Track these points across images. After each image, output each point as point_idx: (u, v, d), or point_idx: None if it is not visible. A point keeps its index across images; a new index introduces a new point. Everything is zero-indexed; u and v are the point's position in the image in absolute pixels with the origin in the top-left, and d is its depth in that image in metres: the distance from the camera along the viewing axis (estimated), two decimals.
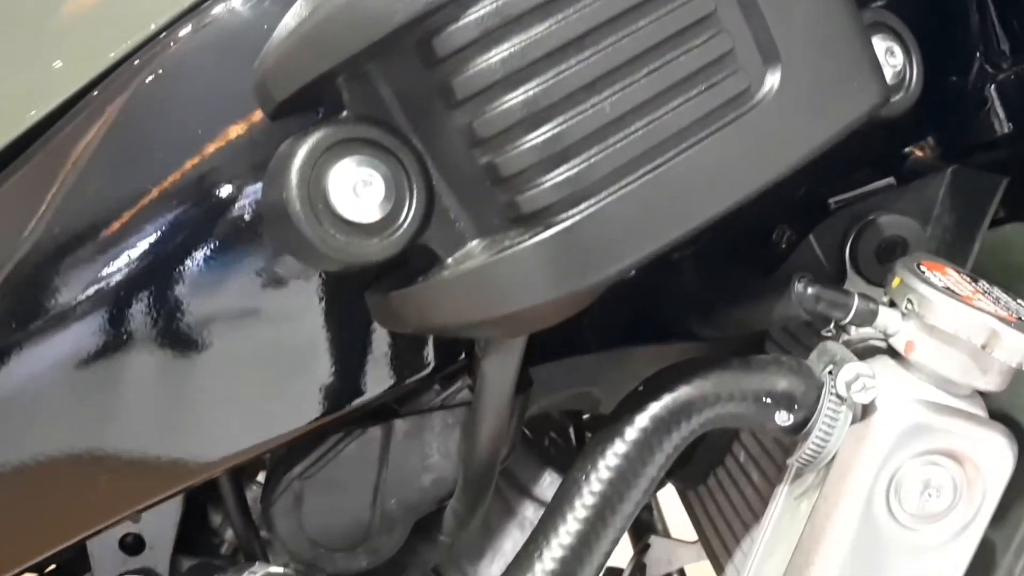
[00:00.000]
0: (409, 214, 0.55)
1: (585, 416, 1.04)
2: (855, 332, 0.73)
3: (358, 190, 0.54)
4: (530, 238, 0.54)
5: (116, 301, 0.65)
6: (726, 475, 0.91)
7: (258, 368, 0.68)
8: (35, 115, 0.67)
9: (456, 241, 0.57)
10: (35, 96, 0.68)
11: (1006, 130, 0.84)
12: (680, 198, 0.55)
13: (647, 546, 0.98)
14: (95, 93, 0.66)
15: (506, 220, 0.55)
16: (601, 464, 0.66)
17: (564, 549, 0.65)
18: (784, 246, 0.86)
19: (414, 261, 0.59)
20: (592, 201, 0.53)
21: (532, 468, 0.91)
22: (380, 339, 0.69)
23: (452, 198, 0.57)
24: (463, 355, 0.71)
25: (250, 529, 0.80)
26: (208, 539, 0.88)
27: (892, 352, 0.71)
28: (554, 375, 0.79)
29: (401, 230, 0.55)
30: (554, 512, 0.66)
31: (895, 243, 0.80)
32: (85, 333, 0.65)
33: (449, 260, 0.57)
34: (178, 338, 0.66)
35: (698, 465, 0.94)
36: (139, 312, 0.65)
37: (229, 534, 0.86)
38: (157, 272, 0.65)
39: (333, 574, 0.76)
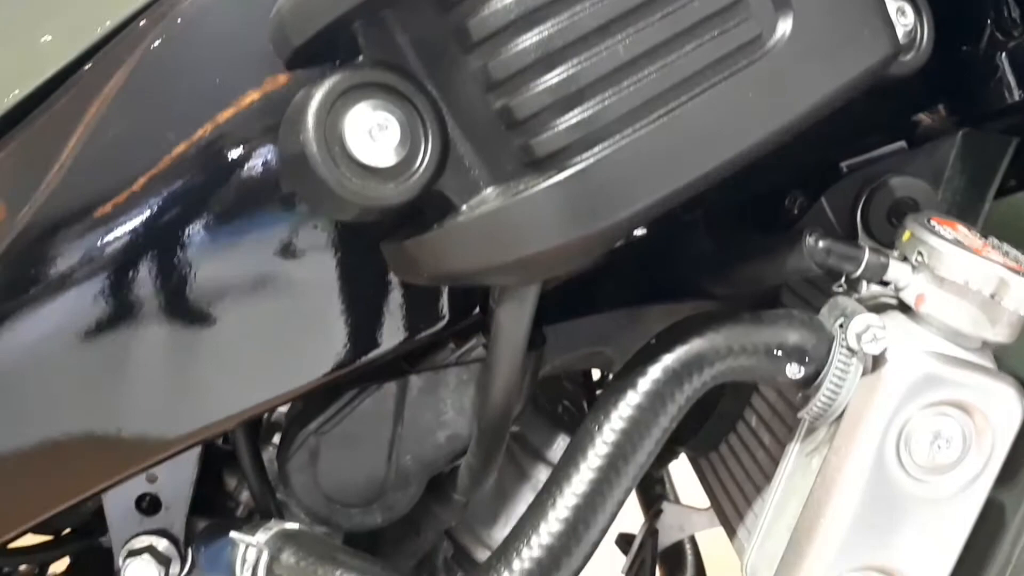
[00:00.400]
0: (424, 159, 0.56)
1: (598, 388, 1.05)
2: (865, 289, 0.74)
3: (374, 134, 0.55)
4: (544, 181, 0.55)
5: (134, 256, 0.66)
6: (738, 441, 0.92)
7: (274, 322, 0.69)
8: (44, 75, 0.68)
9: (471, 188, 0.58)
10: (43, 57, 0.69)
11: (1016, 98, 0.84)
12: (692, 142, 0.55)
13: (659, 511, 0.98)
14: (102, 54, 0.67)
15: (520, 165, 0.56)
16: (614, 415, 0.67)
17: (578, 498, 0.65)
18: (796, 212, 0.87)
19: (429, 210, 0.59)
20: (605, 144, 0.54)
21: (545, 433, 0.91)
22: (395, 293, 0.70)
23: (467, 145, 0.58)
24: (477, 310, 0.72)
25: (266, 488, 0.80)
26: (223, 502, 0.89)
27: (902, 308, 0.71)
28: (567, 334, 0.80)
29: (416, 175, 0.56)
30: (568, 462, 0.67)
31: (906, 205, 0.80)
32: (105, 287, 0.67)
33: (464, 207, 0.58)
34: (194, 293, 0.67)
35: (710, 432, 0.94)
36: (155, 268, 0.67)
37: (244, 496, 0.87)
38: (174, 228, 0.66)
39: (349, 530, 0.77)
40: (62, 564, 1.19)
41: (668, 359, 0.67)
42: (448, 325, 0.71)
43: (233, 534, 0.75)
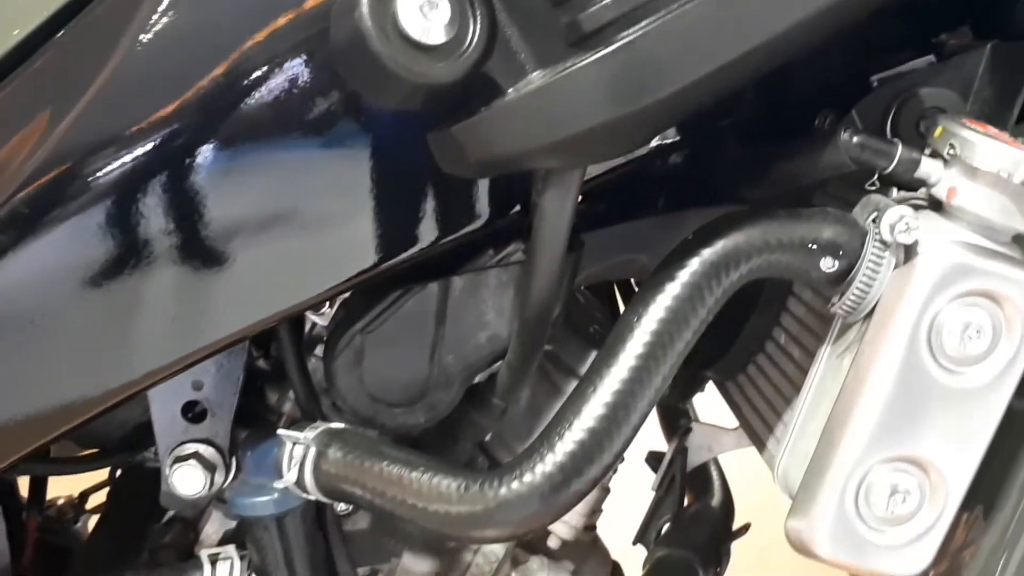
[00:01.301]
0: (473, 39, 0.58)
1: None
2: (895, 194, 0.75)
3: (425, 11, 0.57)
4: (590, 57, 0.56)
5: (177, 157, 0.68)
6: (766, 359, 0.94)
7: (319, 218, 0.71)
8: None
9: (517, 72, 0.60)
10: None
11: None
12: (735, 20, 0.57)
13: (688, 430, 1.00)
14: None
15: (566, 46, 0.58)
16: (653, 307, 0.69)
17: (620, 384, 0.67)
18: (827, 129, 0.88)
19: (476, 96, 0.61)
20: (652, 19, 0.56)
21: (578, 351, 0.93)
22: (437, 189, 0.72)
23: (513, 28, 0.60)
24: (516, 209, 0.74)
25: (310, 392, 0.83)
26: (265, 416, 0.91)
27: (933, 208, 0.73)
28: (604, 241, 0.81)
29: (465, 54, 0.58)
30: (608, 353, 0.69)
31: (935, 114, 0.81)
32: (156, 182, 0.69)
33: (510, 91, 0.60)
34: (240, 191, 0.70)
35: (738, 354, 0.96)
36: (206, 167, 0.69)
37: (287, 407, 0.89)
38: (226, 121, 0.68)
39: (392, 431, 0.79)
40: (101, 495, 1.22)
41: (706, 253, 0.69)
42: (488, 222, 0.73)
43: (280, 431, 0.77)
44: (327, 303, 0.84)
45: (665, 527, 0.98)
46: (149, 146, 0.67)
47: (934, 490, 0.72)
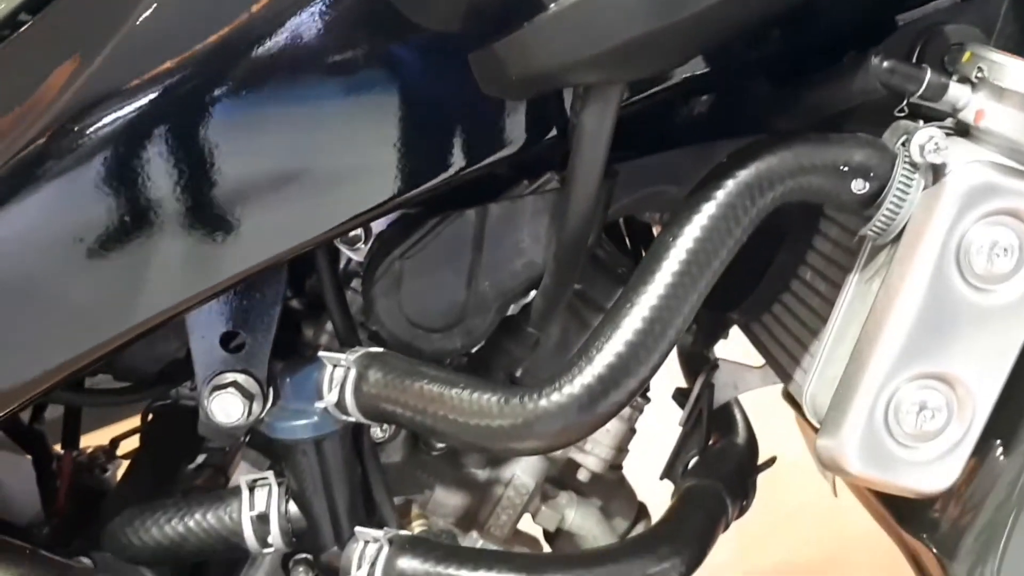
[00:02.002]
0: None
1: None
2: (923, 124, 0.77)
3: None
4: None
5: (210, 82, 0.71)
6: (792, 297, 0.95)
7: (358, 141, 0.73)
8: None
9: None
10: None
11: None
12: None
13: (715, 366, 1.02)
14: None
15: None
16: (689, 226, 0.71)
17: (656, 299, 0.69)
18: None
19: (518, 12, 0.63)
20: None
21: (607, 289, 0.95)
22: (475, 113, 0.74)
23: None
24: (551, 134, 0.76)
25: (348, 321, 0.84)
26: (301, 351, 0.93)
27: (960, 134, 0.74)
28: (636, 172, 0.83)
29: None
30: (645, 269, 0.71)
31: (961, 48, 0.83)
32: (192, 103, 0.71)
33: (552, 4, 0.62)
34: (279, 114, 0.71)
35: (763, 293, 0.97)
36: (239, 86, 0.71)
37: (324, 339, 0.91)
38: (261, 46, 0.70)
39: (429, 356, 0.81)
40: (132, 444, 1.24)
41: (741, 174, 0.71)
42: (524, 147, 0.75)
43: (322, 353, 0.79)
44: (362, 240, 0.85)
45: (692, 462, 1.00)
46: (179, 76, 0.69)
47: (961, 406, 0.74)
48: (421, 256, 0.79)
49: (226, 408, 0.85)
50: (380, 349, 0.79)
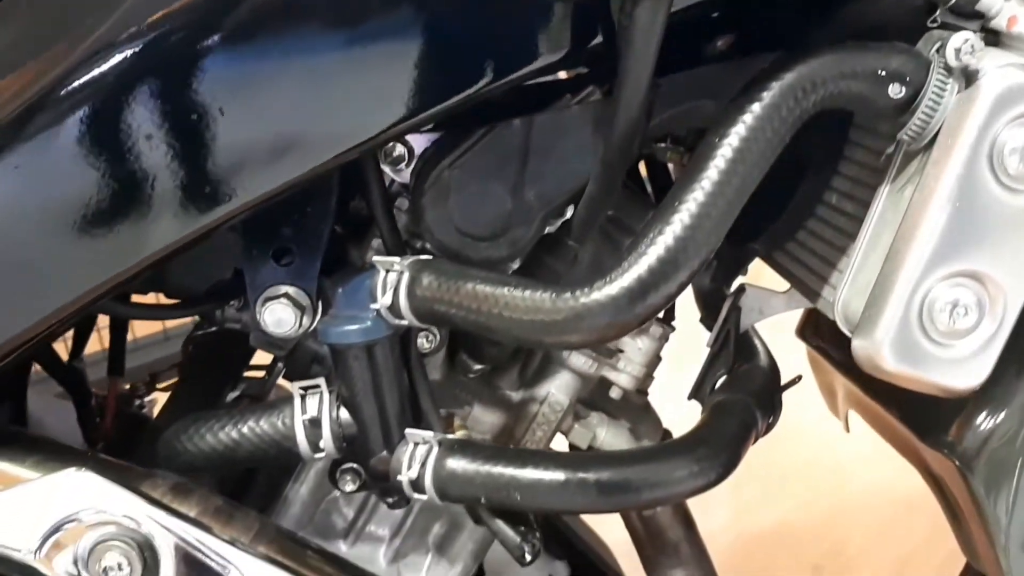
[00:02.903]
0: None
1: None
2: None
3: None
4: None
5: None
6: (817, 222, 0.98)
7: (403, 46, 0.76)
8: None
9: None
10: None
11: None
12: None
13: (742, 289, 1.05)
14: None
15: None
16: (733, 128, 0.74)
17: (703, 196, 0.72)
18: None
19: None
20: None
21: (639, 213, 0.98)
22: (517, 17, 0.76)
23: None
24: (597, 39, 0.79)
25: (396, 234, 0.87)
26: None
27: (992, 43, 0.78)
28: (676, 85, 0.86)
29: None
30: (692, 169, 0.74)
31: None
32: None
33: None
34: (332, 13, 0.74)
35: (788, 221, 1.00)
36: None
37: (370, 256, 0.94)
38: None
39: (476, 264, 0.84)
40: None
41: (786, 77, 0.74)
42: (569, 53, 0.77)
43: (376, 258, 0.82)
44: (405, 161, 0.88)
45: (720, 382, 1.03)
46: None
47: (993, 303, 0.77)
48: (469, 165, 0.82)
49: (279, 317, 0.88)
50: (428, 256, 0.82)
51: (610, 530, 1.36)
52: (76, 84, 0.73)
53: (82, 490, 0.77)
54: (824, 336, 1.23)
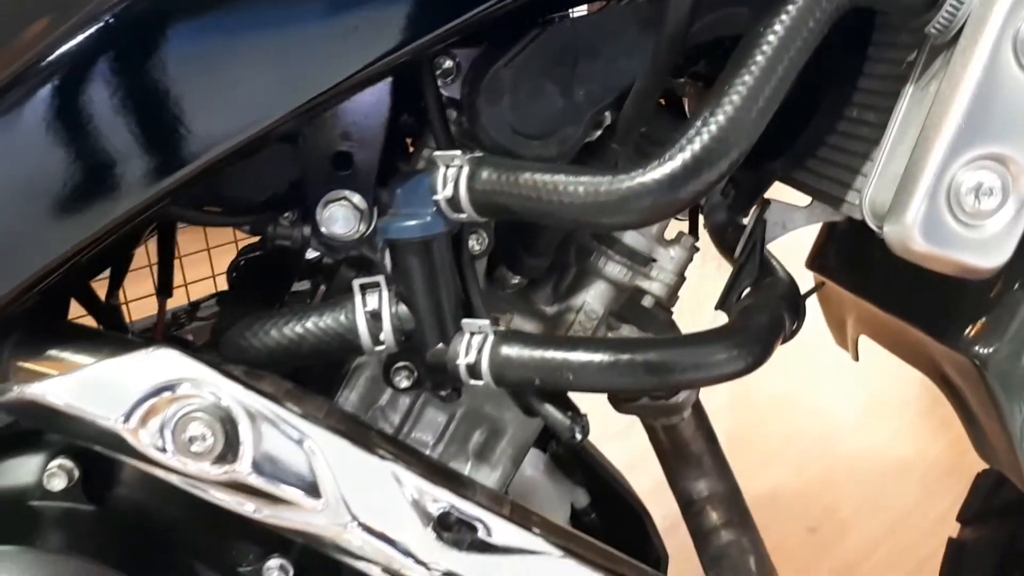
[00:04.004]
0: None
1: None
2: None
3: None
4: None
5: None
6: (838, 136, 1.04)
7: None
8: None
9: None
10: None
11: None
12: None
13: (767, 204, 1.11)
14: None
15: None
16: (777, 19, 0.79)
17: (754, 81, 0.77)
18: None
19: None
20: None
21: (669, 127, 1.03)
22: None
23: None
24: None
25: (450, 136, 0.92)
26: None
27: None
28: None
29: None
30: (739, 58, 0.79)
31: None
32: None
33: None
34: None
35: (809, 138, 1.06)
36: None
37: (422, 163, 0.99)
38: None
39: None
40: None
41: None
42: None
43: (436, 153, 0.87)
44: (454, 74, 0.93)
45: (745, 292, 1.08)
46: None
47: (1016, 184, 0.83)
48: (522, 65, 0.87)
49: (339, 219, 0.93)
50: (481, 153, 0.87)
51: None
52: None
53: (168, 365, 0.81)
54: (836, 262, 1.29)
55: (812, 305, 1.10)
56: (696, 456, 1.21)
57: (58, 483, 0.87)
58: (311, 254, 1.25)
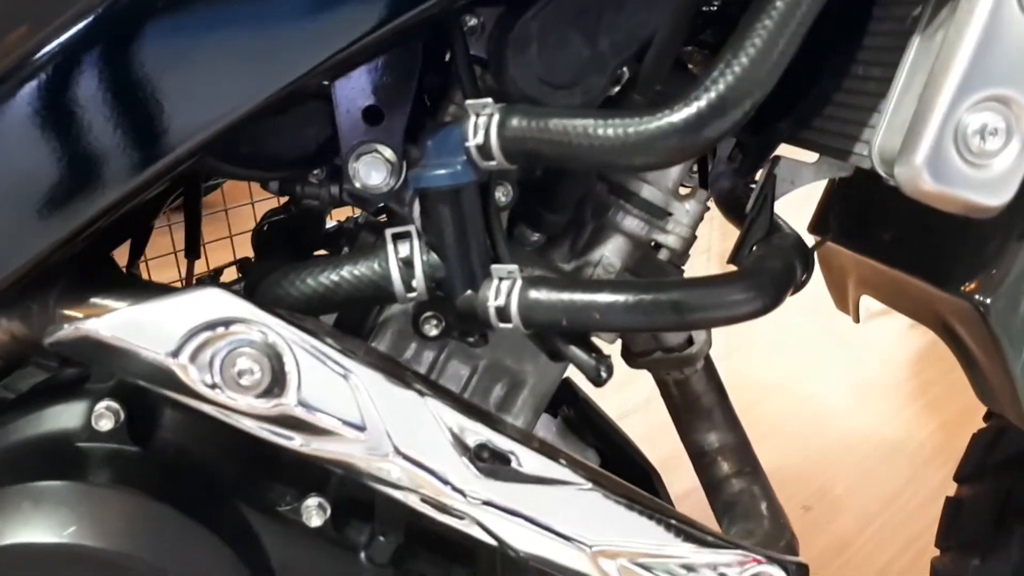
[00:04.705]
0: None
1: None
2: None
3: None
4: None
5: None
6: (843, 93, 1.09)
7: None
8: None
9: None
10: None
11: None
12: None
13: (778, 159, 1.15)
14: None
15: None
16: None
17: (774, 26, 0.81)
18: None
19: None
20: None
21: (681, 83, 1.07)
22: None
23: None
24: None
25: (477, 87, 0.96)
26: None
27: None
28: None
29: None
30: (757, 10, 0.83)
31: None
32: None
33: None
34: None
35: (814, 99, 1.11)
36: None
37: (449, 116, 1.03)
38: None
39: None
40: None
41: None
42: None
43: (468, 102, 0.91)
44: (478, 31, 0.97)
45: (756, 245, 1.12)
46: None
47: (1019, 124, 0.87)
48: (549, 15, 0.91)
49: (371, 171, 0.97)
50: (504, 105, 0.91)
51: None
52: None
53: (217, 303, 0.85)
54: (837, 225, 1.34)
55: (804, 291, 1.14)
56: (707, 409, 1.25)
57: (106, 423, 0.90)
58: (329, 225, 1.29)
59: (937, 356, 3.46)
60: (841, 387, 3.22)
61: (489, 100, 0.90)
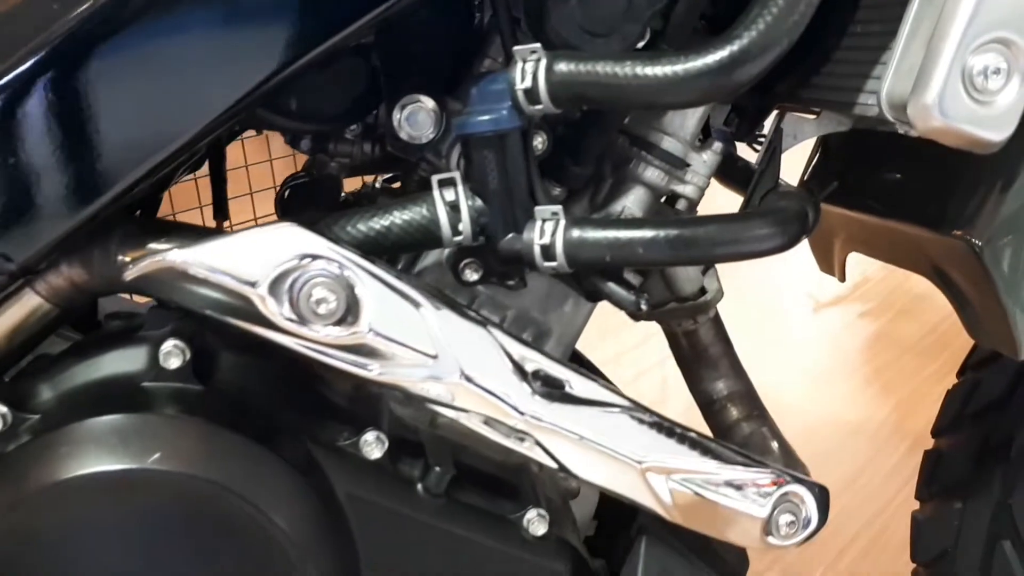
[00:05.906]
0: None
1: None
2: None
3: None
4: None
5: None
6: (843, 51, 1.17)
7: None
8: None
9: None
10: None
11: None
12: None
13: (785, 111, 1.23)
14: None
15: None
16: None
17: None
18: None
19: None
20: None
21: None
22: None
23: None
24: None
25: (515, 37, 1.02)
26: None
27: None
28: None
29: None
30: None
31: None
32: None
33: None
34: None
35: (814, 58, 1.18)
36: None
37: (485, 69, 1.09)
38: None
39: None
40: None
41: None
42: None
43: (516, 48, 0.97)
44: None
45: (765, 196, 1.20)
46: None
47: (1018, 64, 0.96)
48: None
49: (416, 121, 1.03)
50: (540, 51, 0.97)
51: None
52: None
53: (293, 238, 0.90)
54: (831, 181, 1.42)
55: (756, 287, 1.21)
56: (714, 359, 1.32)
57: (174, 361, 0.94)
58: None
59: (889, 342, 3.60)
60: (797, 377, 3.33)
61: (537, 45, 0.96)
